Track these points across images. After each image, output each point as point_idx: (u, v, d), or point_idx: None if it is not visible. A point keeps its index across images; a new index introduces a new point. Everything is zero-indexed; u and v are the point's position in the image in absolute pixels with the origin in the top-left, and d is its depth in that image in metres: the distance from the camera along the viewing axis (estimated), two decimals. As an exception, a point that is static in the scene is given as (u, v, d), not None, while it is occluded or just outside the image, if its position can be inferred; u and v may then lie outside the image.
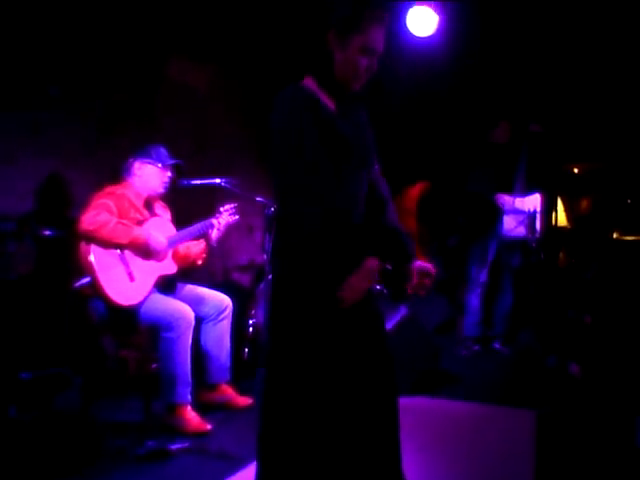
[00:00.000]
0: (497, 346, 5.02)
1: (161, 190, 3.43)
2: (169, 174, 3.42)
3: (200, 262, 3.59)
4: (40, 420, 2.88)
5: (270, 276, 2.01)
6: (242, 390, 3.58)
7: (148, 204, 3.40)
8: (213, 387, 3.48)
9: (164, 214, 3.51)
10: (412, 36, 4.90)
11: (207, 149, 4.90)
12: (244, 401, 3.52)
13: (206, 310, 3.43)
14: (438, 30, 4.89)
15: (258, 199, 3.95)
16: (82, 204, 3.17)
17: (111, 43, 4.05)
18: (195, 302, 3.38)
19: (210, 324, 3.44)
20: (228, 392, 3.50)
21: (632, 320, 4.82)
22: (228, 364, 3.51)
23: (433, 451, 2.39)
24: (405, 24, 4.82)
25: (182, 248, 3.50)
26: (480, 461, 2.81)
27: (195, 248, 3.55)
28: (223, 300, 3.51)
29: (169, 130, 4.43)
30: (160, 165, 3.38)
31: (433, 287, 2.01)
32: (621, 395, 3.53)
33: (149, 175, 3.37)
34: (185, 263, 3.52)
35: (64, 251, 3.38)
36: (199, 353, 3.39)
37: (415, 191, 6.30)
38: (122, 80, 4.17)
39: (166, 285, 3.35)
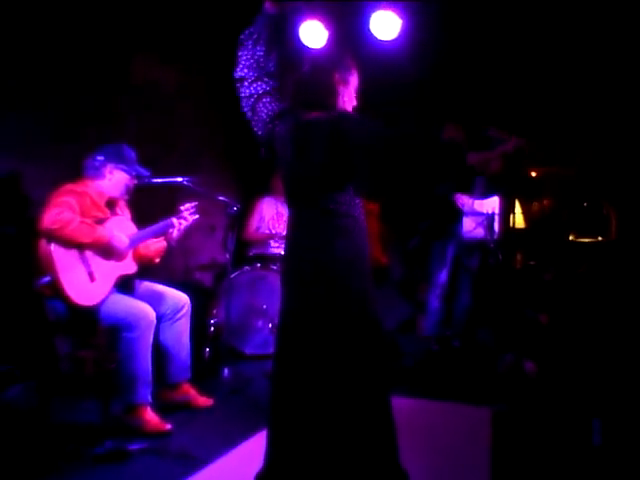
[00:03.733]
0: (455, 344, 5.11)
1: (125, 195, 3.42)
2: (136, 181, 3.41)
3: (157, 260, 3.59)
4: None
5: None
6: (203, 390, 3.58)
7: (110, 203, 3.37)
8: (174, 386, 3.46)
9: (125, 213, 3.48)
10: (375, 40, 4.95)
11: (172, 148, 4.87)
12: (205, 401, 3.52)
13: (164, 309, 3.40)
14: (401, 34, 4.95)
15: (220, 198, 3.96)
16: (40, 203, 3.11)
17: (74, 38, 3.99)
18: (153, 300, 3.35)
19: (168, 323, 3.41)
20: (189, 392, 3.49)
21: (588, 320, 4.95)
22: (188, 362, 3.50)
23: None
24: (368, 28, 4.87)
25: (142, 246, 3.48)
26: (436, 458, 2.86)
27: (154, 246, 3.54)
28: (181, 298, 3.49)
29: (133, 128, 4.39)
30: (134, 174, 3.36)
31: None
32: (577, 394, 3.62)
33: (119, 181, 3.35)
34: (143, 260, 3.50)
35: (21, 250, 3.32)
36: (159, 352, 3.36)
37: (377, 192, 6.33)
38: (84, 77, 4.12)
39: (125, 285, 3.32)
